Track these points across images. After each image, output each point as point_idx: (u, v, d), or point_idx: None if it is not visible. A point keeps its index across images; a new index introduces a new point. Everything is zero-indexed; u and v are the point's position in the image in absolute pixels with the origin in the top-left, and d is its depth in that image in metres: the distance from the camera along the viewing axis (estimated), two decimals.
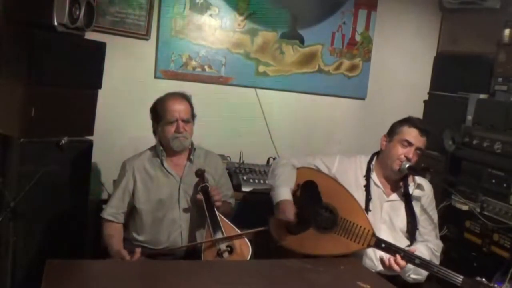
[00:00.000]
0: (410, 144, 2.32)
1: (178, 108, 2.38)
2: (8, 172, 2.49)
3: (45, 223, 2.55)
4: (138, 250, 2.17)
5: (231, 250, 2.22)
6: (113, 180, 2.59)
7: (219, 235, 2.22)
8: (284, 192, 2.32)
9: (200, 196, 2.31)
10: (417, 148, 2.33)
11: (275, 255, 2.27)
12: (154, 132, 2.48)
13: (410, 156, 2.31)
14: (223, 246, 2.22)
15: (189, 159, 2.48)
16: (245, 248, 2.23)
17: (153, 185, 2.40)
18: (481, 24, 3.41)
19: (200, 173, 2.38)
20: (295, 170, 2.43)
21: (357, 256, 2.27)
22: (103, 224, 2.39)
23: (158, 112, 2.42)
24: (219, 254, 2.20)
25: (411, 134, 2.33)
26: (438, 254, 2.35)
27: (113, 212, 2.39)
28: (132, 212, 2.42)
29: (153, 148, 2.50)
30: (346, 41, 3.70)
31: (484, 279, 1.93)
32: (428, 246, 2.31)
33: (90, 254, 2.85)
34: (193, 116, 2.46)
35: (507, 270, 2.41)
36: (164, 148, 2.45)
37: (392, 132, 2.40)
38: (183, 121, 2.38)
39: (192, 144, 2.49)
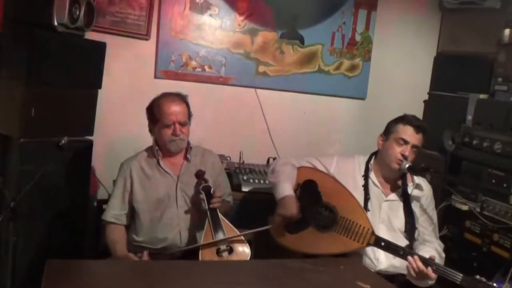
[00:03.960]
0: (406, 142, 2.32)
1: (175, 111, 2.36)
2: (8, 172, 2.49)
3: (45, 223, 2.56)
4: (146, 252, 2.22)
5: (230, 250, 2.22)
6: (113, 180, 2.59)
7: (220, 235, 2.22)
8: (286, 188, 2.33)
9: (202, 196, 2.31)
10: (413, 146, 2.33)
11: (275, 255, 2.27)
12: (150, 131, 2.47)
13: (407, 154, 2.31)
14: (222, 246, 2.22)
15: (185, 158, 2.48)
16: (245, 248, 2.23)
17: (150, 185, 2.40)
18: (481, 24, 3.41)
19: (200, 174, 2.38)
20: (296, 169, 2.44)
21: (356, 255, 2.27)
22: (106, 228, 2.39)
23: (155, 113, 2.40)
24: (219, 253, 2.20)
25: (407, 132, 2.33)
26: (444, 255, 2.34)
27: (115, 214, 2.39)
28: (131, 212, 2.42)
29: (149, 149, 2.50)
30: (346, 41, 3.70)
31: (483, 278, 1.93)
32: (435, 249, 2.30)
33: (90, 254, 2.85)
34: (189, 116, 2.45)
35: (507, 270, 2.41)
36: (160, 148, 2.45)
37: (388, 131, 2.41)
38: (180, 123, 2.37)
39: (188, 143, 2.48)
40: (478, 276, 1.94)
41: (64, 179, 2.64)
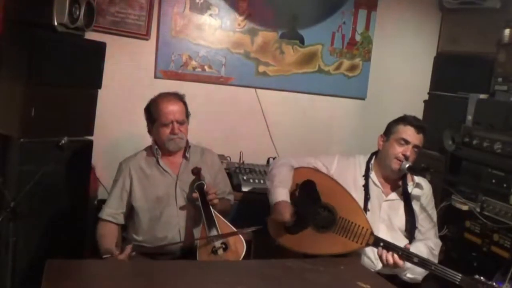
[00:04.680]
0: (407, 142, 2.33)
1: (172, 110, 2.38)
2: (8, 172, 2.49)
3: (45, 223, 2.56)
4: (129, 246, 2.18)
5: (225, 247, 2.22)
6: (113, 180, 2.59)
7: (214, 233, 2.23)
8: (281, 193, 2.33)
9: (195, 194, 2.31)
10: (414, 146, 2.34)
11: (275, 255, 2.27)
12: (149, 131, 2.48)
13: (408, 154, 2.31)
14: (217, 243, 2.22)
15: (184, 156, 2.48)
16: (239, 245, 2.23)
17: (149, 184, 2.41)
18: (481, 24, 3.40)
19: (196, 171, 2.39)
20: (292, 171, 2.44)
21: (356, 255, 2.27)
22: (98, 224, 2.39)
23: (152, 113, 2.42)
24: (214, 251, 2.20)
25: (407, 132, 2.34)
26: (437, 253, 2.35)
27: (112, 212, 2.40)
28: (130, 212, 2.42)
29: (148, 148, 2.51)
30: (346, 41, 3.70)
31: (482, 278, 1.93)
32: (427, 245, 2.31)
33: (90, 254, 2.85)
34: (187, 115, 2.46)
35: (507, 270, 2.41)
36: (159, 147, 2.45)
37: (388, 131, 2.41)
38: (178, 122, 2.38)
39: (187, 142, 2.49)
40: (477, 276, 1.94)
41: (64, 179, 2.64)
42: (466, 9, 3.48)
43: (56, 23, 2.44)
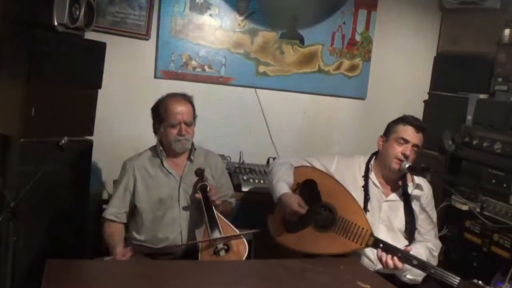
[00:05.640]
0: (406, 141, 2.33)
1: (181, 111, 2.37)
2: (8, 172, 2.50)
3: (45, 223, 2.56)
4: (129, 249, 2.23)
5: (227, 249, 2.22)
6: (114, 180, 2.60)
7: (216, 234, 2.23)
8: (282, 187, 2.33)
9: (198, 195, 2.32)
10: (414, 145, 2.34)
11: (275, 255, 2.27)
12: (155, 131, 2.48)
13: (407, 153, 2.31)
14: (220, 245, 2.22)
15: (189, 158, 2.48)
16: (241, 246, 2.23)
17: (153, 184, 2.41)
18: (481, 24, 3.41)
19: (199, 172, 2.39)
20: (292, 169, 2.44)
21: (355, 255, 2.27)
22: (104, 224, 2.39)
23: (160, 113, 2.41)
24: (216, 252, 2.21)
25: (407, 131, 2.34)
26: (436, 254, 2.35)
27: (115, 211, 2.40)
28: (132, 211, 2.43)
29: (153, 148, 2.50)
30: (346, 41, 3.70)
31: (480, 282, 1.93)
32: (427, 246, 2.31)
33: (90, 254, 2.85)
34: (194, 117, 2.46)
35: (507, 270, 2.41)
36: (164, 148, 2.45)
37: (388, 131, 2.42)
38: (185, 123, 2.38)
39: (192, 144, 2.49)
40: (475, 280, 1.94)
41: (64, 179, 2.64)
42: (466, 9, 3.48)
43: (56, 23, 2.44)
